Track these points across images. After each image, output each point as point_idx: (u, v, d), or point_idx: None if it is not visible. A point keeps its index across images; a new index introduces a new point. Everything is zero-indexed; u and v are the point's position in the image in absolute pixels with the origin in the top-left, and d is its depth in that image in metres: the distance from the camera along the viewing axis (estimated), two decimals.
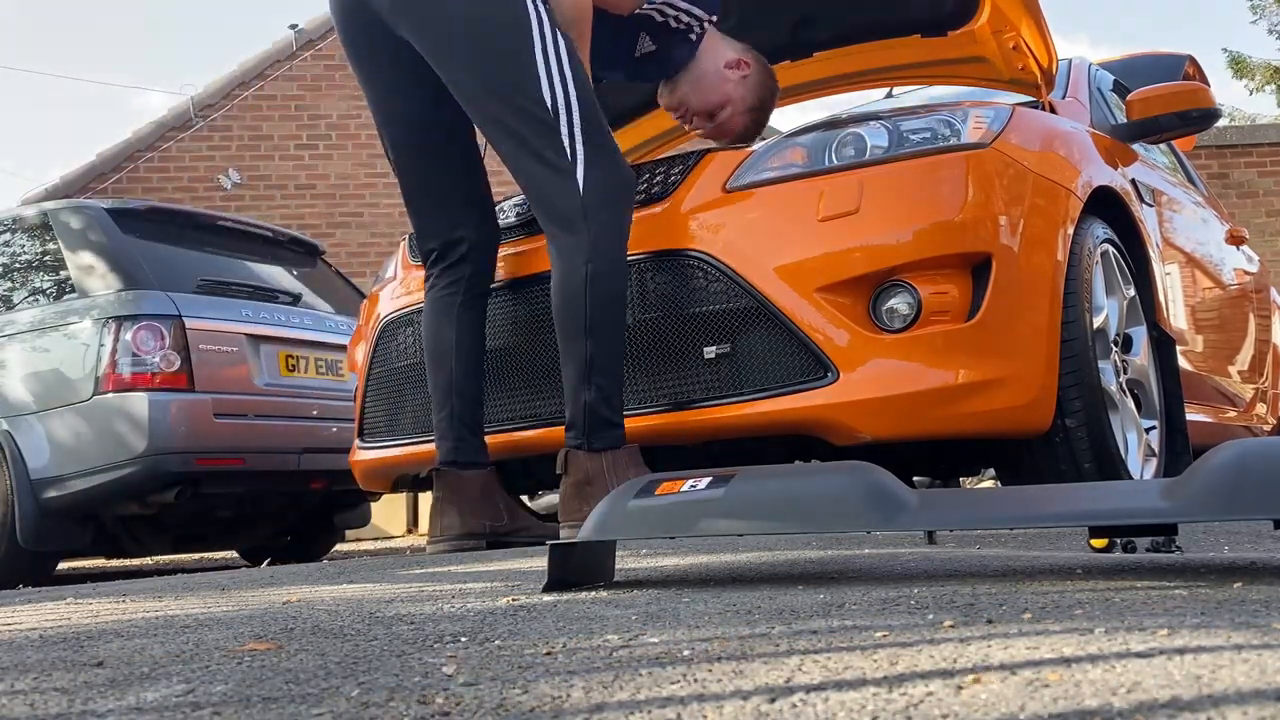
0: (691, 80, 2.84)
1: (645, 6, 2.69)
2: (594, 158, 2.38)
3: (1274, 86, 17.09)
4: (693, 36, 2.80)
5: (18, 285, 4.56)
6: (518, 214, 2.72)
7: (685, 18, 2.76)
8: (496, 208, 2.77)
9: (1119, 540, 1.70)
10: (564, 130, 2.37)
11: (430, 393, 2.65)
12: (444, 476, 2.60)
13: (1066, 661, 0.80)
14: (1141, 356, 2.78)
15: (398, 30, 2.47)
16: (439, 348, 2.64)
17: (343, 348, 4.50)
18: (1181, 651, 0.81)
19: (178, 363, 3.96)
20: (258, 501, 4.68)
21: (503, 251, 2.69)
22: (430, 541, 2.65)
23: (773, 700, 0.75)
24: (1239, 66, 17.09)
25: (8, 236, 4.68)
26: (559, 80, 2.39)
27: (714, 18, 2.81)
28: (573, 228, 2.36)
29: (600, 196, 2.37)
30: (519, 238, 2.70)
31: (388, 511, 7.94)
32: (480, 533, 2.59)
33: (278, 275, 4.86)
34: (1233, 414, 3.88)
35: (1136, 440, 2.60)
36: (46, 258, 4.48)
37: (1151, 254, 2.95)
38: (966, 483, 5.24)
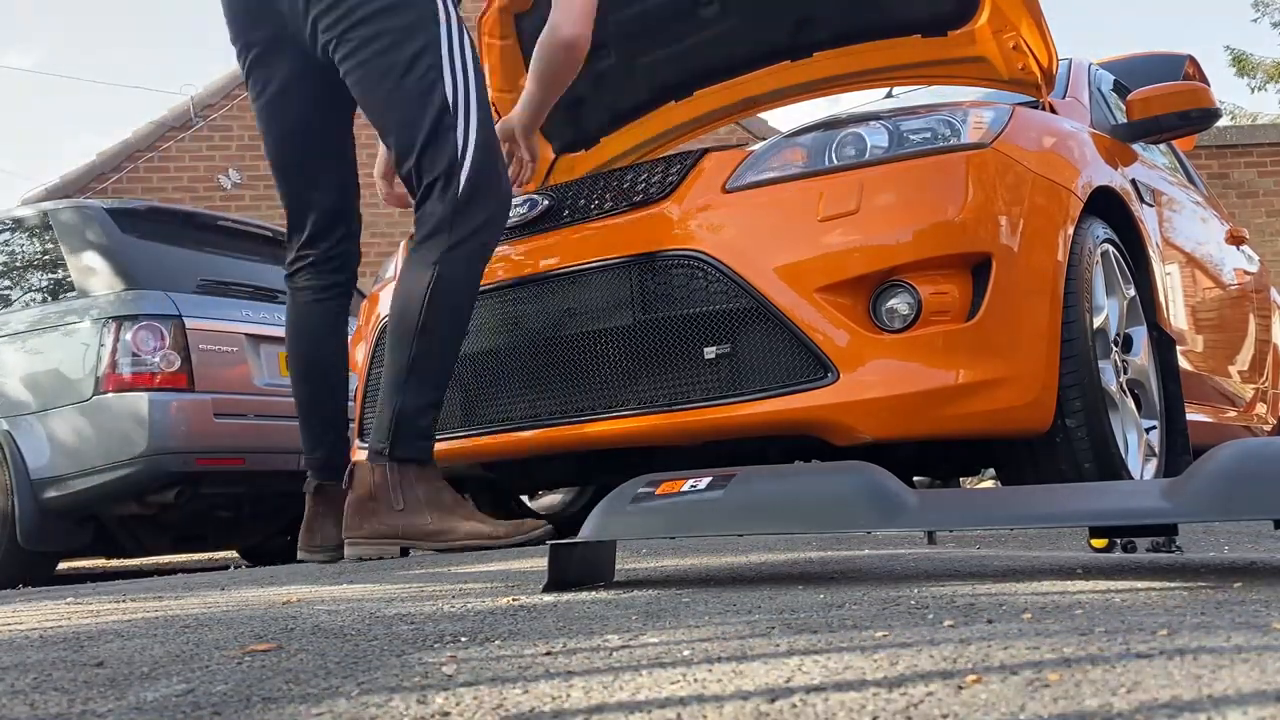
0: None
1: None
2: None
3: (1277, 85, 17.07)
4: None
5: (17, 285, 4.55)
6: (519, 214, 2.72)
7: None
8: None
9: (1119, 540, 1.70)
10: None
11: (307, 406, 2.71)
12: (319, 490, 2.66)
13: (1067, 661, 0.80)
14: (1141, 356, 2.78)
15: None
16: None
17: None
18: (1182, 652, 0.81)
19: (178, 363, 3.96)
20: (258, 501, 4.68)
21: (503, 250, 2.69)
22: (302, 552, 2.66)
23: (773, 700, 0.75)
24: (1241, 64, 17.07)
25: (8, 236, 4.67)
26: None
27: None
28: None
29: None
30: (521, 237, 2.70)
31: None
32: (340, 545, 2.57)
33: (278, 275, 4.84)
34: (1233, 414, 3.88)
35: (1136, 440, 2.60)
36: (46, 258, 4.48)
37: (1151, 254, 2.95)
38: (966, 483, 5.24)
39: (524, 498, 3.90)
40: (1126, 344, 2.75)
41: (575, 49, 2.65)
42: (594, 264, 2.51)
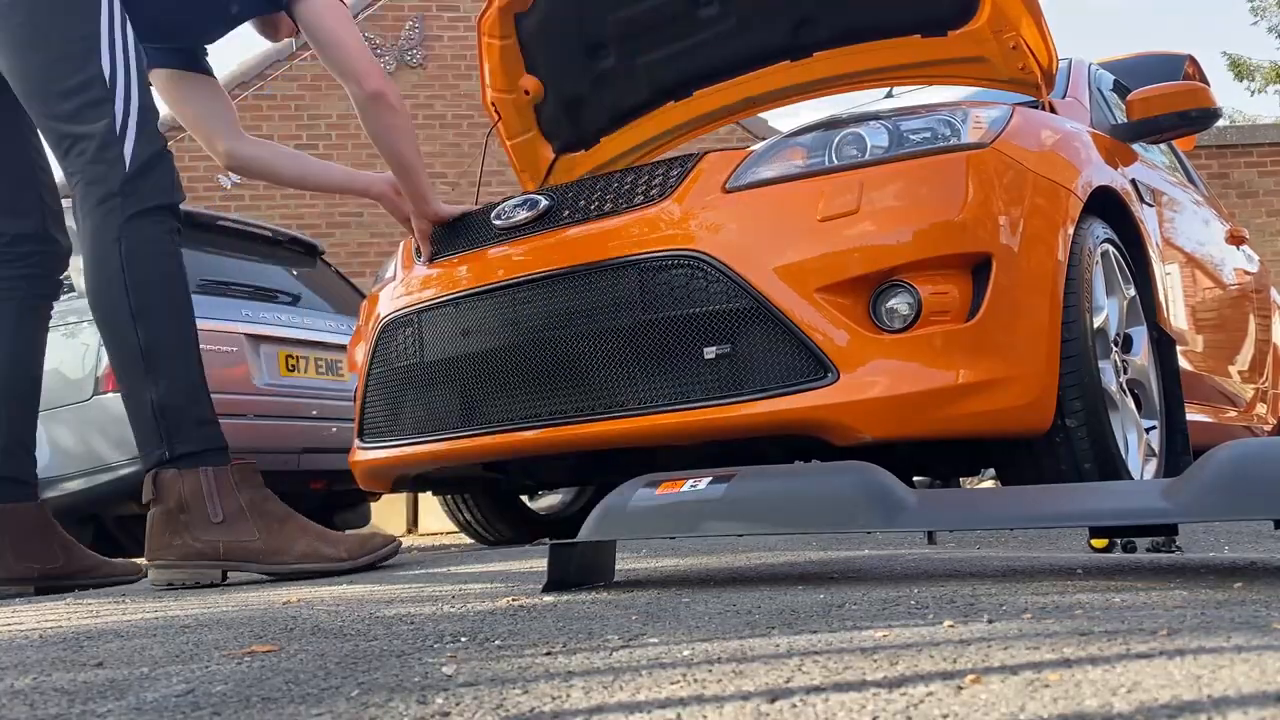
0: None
1: None
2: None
3: (1275, 89, 17.06)
4: None
5: None
6: (519, 215, 2.72)
7: None
8: (497, 207, 2.78)
9: (1119, 540, 1.70)
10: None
11: None
12: None
13: (1067, 662, 0.80)
14: (1142, 356, 2.78)
15: None
16: None
17: (343, 348, 4.49)
18: (1182, 652, 0.81)
19: None
20: None
21: (503, 251, 2.69)
22: None
23: (773, 701, 0.75)
24: (1239, 68, 17.07)
25: None
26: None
27: None
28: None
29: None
30: (521, 238, 2.70)
31: (388, 511, 7.93)
32: (27, 577, 2.32)
33: (278, 275, 4.85)
34: (1233, 414, 3.88)
35: (1136, 440, 2.60)
36: None
37: (1152, 254, 2.95)
38: (966, 483, 5.24)
39: (524, 498, 3.90)
40: (1126, 344, 2.75)
41: (385, 97, 2.54)
42: (594, 264, 2.51)
